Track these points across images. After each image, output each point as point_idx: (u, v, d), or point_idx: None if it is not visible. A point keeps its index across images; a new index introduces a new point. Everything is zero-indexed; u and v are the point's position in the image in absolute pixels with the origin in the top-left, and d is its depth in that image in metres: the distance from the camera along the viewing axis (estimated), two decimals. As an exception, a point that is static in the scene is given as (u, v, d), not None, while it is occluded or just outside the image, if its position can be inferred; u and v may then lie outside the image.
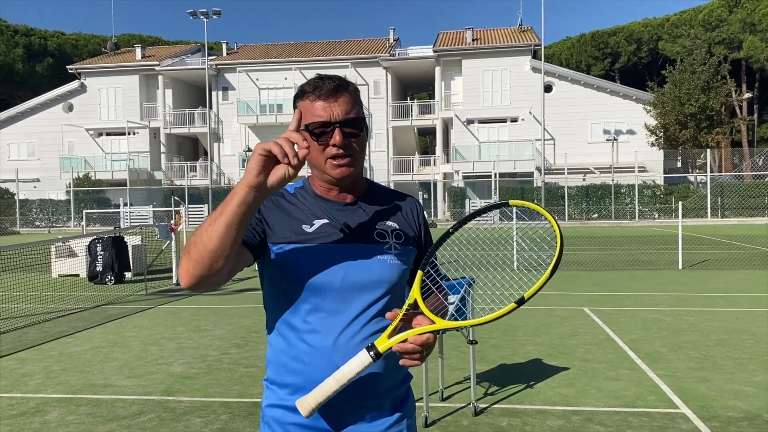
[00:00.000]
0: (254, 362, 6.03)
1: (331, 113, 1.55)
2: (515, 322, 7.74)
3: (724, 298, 9.38)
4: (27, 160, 44.15)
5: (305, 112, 1.58)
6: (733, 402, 4.74)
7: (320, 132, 1.56)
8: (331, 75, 1.63)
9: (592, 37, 58.60)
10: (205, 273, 1.42)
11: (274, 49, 46.41)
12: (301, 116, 1.51)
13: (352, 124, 1.58)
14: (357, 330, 1.56)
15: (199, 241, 1.40)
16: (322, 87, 1.57)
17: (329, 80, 1.59)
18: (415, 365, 1.47)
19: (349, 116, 1.57)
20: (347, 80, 1.63)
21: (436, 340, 1.52)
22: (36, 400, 5.05)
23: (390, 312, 1.51)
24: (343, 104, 1.57)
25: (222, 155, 43.43)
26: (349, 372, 1.45)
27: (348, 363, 1.46)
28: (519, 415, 4.54)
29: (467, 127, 39.69)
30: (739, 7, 48.81)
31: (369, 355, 1.45)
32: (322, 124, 1.55)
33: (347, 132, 1.57)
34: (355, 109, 1.60)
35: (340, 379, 1.45)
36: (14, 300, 10.08)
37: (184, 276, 1.44)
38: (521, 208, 1.60)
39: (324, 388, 1.45)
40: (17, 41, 54.71)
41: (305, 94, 1.60)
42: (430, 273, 1.61)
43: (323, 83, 1.58)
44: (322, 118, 1.55)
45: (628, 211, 34.76)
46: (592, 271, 12.97)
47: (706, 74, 36.34)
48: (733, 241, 19.71)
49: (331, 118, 1.55)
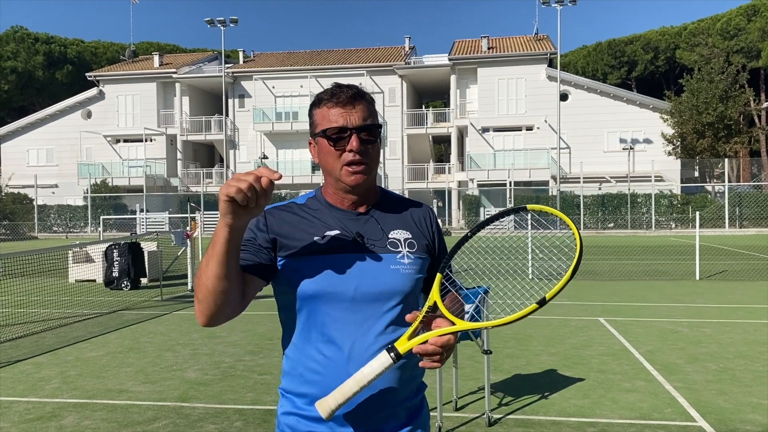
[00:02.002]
0: (268, 369, 6.04)
1: (347, 119, 1.58)
2: (530, 332, 7.69)
3: (743, 310, 9.26)
4: (46, 166, 44.67)
5: (322, 119, 1.61)
6: (752, 415, 4.67)
7: (337, 137, 1.58)
8: (348, 84, 1.65)
9: (608, 45, 58.34)
10: (215, 311, 1.48)
11: (290, 57, 46.69)
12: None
13: (369, 131, 1.60)
14: (372, 340, 1.56)
15: (201, 284, 1.46)
16: (340, 95, 1.60)
17: (347, 88, 1.62)
18: (435, 367, 1.48)
19: (365, 123, 1.60)
20: (364, 90, 1.65)
21: (456, 341, 1.52)
22: (52, 404, 5.09)
23: (410, 314, 1.52)
24: (360, 111, 1.60)
25: (238, 162, 43.66)
26: (369, 373, 1.45)
27: (368, 364, 1.46)
28: (533, 426, 4.51)
29: (482, 135, 39.62)
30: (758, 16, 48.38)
31: (389, 356, 1.45)
32: (339, 130, 1.58)
33: (364, 138, 1.59)
34: (371, 117, 1.62)
35: (360, 380, 1.44)
36: (32, 305, 10.19)
37: (199, 317, 1.50)
38: (539, 212, 1.60)
39: (344, 389, 1.45)
40: (38, 49, 55.49)
41: (322, 102, 1.63)
42: (449, 275, 1.61)
43: (341, 91, 1.61)
44: (339, 124, 1.58)
45: (645, 221, 34.47)
46: (608, 281, 12.87)
47: (724, 83, 36.02)
48: (751, 252, 19.47)
49: (348, 125, 1.58)
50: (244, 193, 1.33)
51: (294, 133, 42.05)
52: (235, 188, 1.33)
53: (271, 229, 1.62)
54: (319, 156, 1.66)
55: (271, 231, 1.62)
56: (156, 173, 43.00)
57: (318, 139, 1.65)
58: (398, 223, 1.69)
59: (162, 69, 44.56)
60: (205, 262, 1.45)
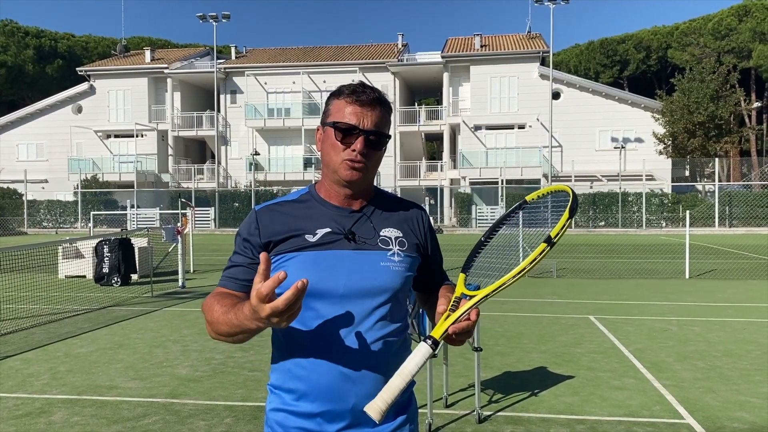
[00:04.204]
0: (258, 366, 6.04)
1: (361, 120, 1.60)
2: (520, 330, 7.72)
3: (732, 308, 9.33)
4: (36, 161, 44.38)
5: (337, 110, 1.63)
6: (739, 413, 4.71)
7: (345, 133, 1.60)
8: (373, 86, 1.67)
9: (600, 44, 58.51)
10: (227, 341, 1.53)
11: (282, 53, 46.55)
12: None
13: (377, 137, 1.62)
14: (360, 336, 1.57)
15: (219, 329, 1.50)
16: (362, 94, 1.62)
17: (370, 90, 1.64)
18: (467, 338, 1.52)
19: (377, 129, 1.61)
20: (386, 98, 1.67)
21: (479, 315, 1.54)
22: (41, 400, 5.07)
23: (441, 306, 1.53)
24: (375, 117, 1.62)
25: (229, 158, 43.54)
26: (414, 366, 1.44)
27: (410, 358, 1.45)
28: (523, 423, 4.53)
29: (474, 133, 39.67)
30: (749, 17, 48.65)
31: (428, 345, 1.46)
32: (350, 127, 1.60)
33: (370, 142, 1.61)
34: (384, 126, 1.64)
35: (405, 375, 1.44)
36: (21, 300, 10.13)
37: (210, 334, 1.54)
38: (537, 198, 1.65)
39: (391, 386, 1.43)
40: (28, 43, 55.11)
41: (342, 94, 1.64)
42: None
43: (363, 91, 1.63)
44: (352, 121, 1.59)
45: (636, 220, 34.64)
46: (598, 279, 12.93)
47: (716, 83, 36.22)
48: (740, 251, 19.61)
49: (360, 125, 1.59)
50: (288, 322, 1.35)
51: (286, 129, 41.97)
52: (284, 323, 1.34)
53: (263, 233, 1.63)
54: (323, 145, 1.67)
55: (263, 235, 1.63)
56: (147, 169, 42.81)
57: (326, 128, 1.66)
58: (390, 222, 1.70)
59: (153, 64, 44.34)
60: (226, 325, 1.46)
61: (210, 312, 1.52)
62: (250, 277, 1.58)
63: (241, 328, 1.43)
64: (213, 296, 1.58)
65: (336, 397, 1.56)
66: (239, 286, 1.61)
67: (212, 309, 1.52)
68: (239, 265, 1.63)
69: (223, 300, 1.53)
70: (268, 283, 1.29)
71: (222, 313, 1.48)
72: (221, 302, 1.51)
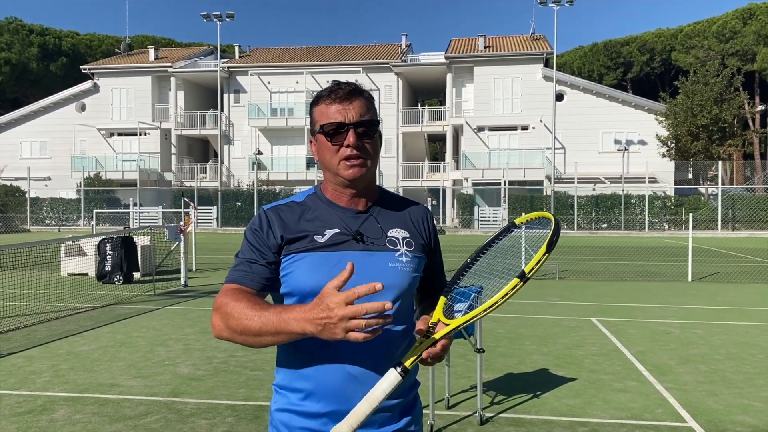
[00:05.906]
0: (261, 365, 6.04)
1: (345, 115, 1.59)
2: (522, 332, 7.71)
3: (734, 312, 9.31)
4: (39, 158, 44.47)
5: (320, 116, 1.63)
6: (742, 417, 4.70)
7: (334, 133, 1.60)
8: (346, 81, 1.67)
9: (604, 46, 58.44)
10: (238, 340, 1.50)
11: (286, 53, 46.57)
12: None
13: (366, 126, 1.61)
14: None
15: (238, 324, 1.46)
16: (338, 91, 1.62)
17: (345, 85, 1.63)
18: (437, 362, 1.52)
19: (363, 119, 1.61)
20: (362, 87, 1.66)
21: (451, 342, 1.54)
22: (43, 398, 5.08)
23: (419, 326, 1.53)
24: (357, 107, 1.61)
25: (232, 157, 43.58)
26: (381, 393, 1.43)
27: (378, 385, 1.44)
28: (525, 425, 4.52)
29: (477, 134, 39.65)
30: (754, 19, 48.58)
31: (398, 373, 1.45)
32: (337, 126, 1.59)
33: (360, 133, 1.60)
34: (369, 113, 1.63)
35: (372, 401, 1.43)
36: (23, 298, 10.14)
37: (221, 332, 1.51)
38: (527, 222, 1.63)
39: (357, 413, 1.43)
40: (32, 41, 55.20)
41: (321, 100, 1.64)
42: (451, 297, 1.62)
43: (338, 87, 1.63)
44: (337, 120, 1.59)
45: (638, 222, 34.59)
46: (601, 281, 12.91)
47: (719, 86, 36.16)
48: (743, 254, 19.57)
49: (346, 120, 1.59)
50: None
51: (289, 129, 41.99)
52: (362, 336, 1.35)
53: (276, 233, 1.61)
54: (319, 152, 1.67)
55: (277, 235, 1.61)
56: (150, 167, 42.85)
57: (317, 136, 1.66)
58: (397, 222, 1.70)
59: (157, 63, 44.39)
60: (257, 321, 1.43)
61: (234, 305, 1.48)
62: (266, 275, 1.58)
63: (277, 329, 1.41)
64: (232, 291, 1.54)
65: (342, 397, 1.55)
66: (256, 283, 1.58)
67: (238, 302, 1.48)
68: (254, 261, 1.60)
69: (249, 297, 1.51)
70: (344, 274, 1.36)
71: (253, 309, 1.45)
72: (248, 299, 1.49)
